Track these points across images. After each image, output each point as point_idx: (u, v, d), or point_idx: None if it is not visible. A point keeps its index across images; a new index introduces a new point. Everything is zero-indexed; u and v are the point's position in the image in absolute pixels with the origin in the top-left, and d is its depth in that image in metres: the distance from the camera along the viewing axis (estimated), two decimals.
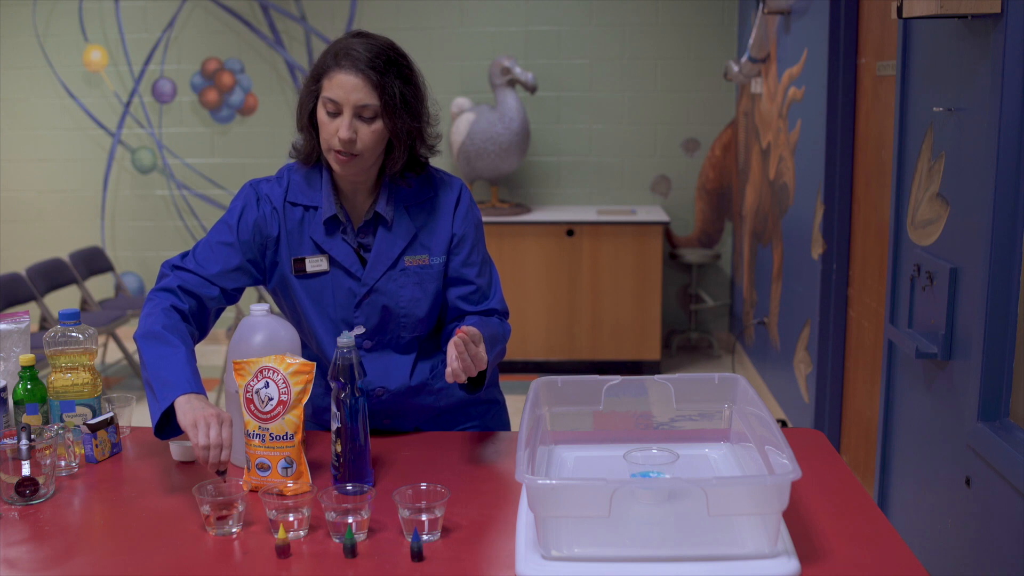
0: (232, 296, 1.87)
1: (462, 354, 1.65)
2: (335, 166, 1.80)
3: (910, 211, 2.57)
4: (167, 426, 1.69)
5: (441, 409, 1.99)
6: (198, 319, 1.83)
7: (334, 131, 1.76)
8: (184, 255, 1.86)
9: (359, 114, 1.75)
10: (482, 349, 1.72)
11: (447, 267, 1.92)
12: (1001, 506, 2.01)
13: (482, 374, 1.85)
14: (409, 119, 1.79)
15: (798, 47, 4.00)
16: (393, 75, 1.75)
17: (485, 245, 1.98)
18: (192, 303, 1.82)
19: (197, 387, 1.67)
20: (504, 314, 1.99)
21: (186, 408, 1.62)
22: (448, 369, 1.65)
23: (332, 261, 1.87)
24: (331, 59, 1.77)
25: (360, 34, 1.80)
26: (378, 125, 1.76)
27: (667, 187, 5.81)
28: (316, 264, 1.87)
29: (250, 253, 1.87)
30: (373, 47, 1.75)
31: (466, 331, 1.67)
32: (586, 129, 5.77)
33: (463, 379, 1.67)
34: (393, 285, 1.87)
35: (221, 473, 1.60)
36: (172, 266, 1.85)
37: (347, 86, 1.73)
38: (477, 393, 1.89)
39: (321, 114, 1.78)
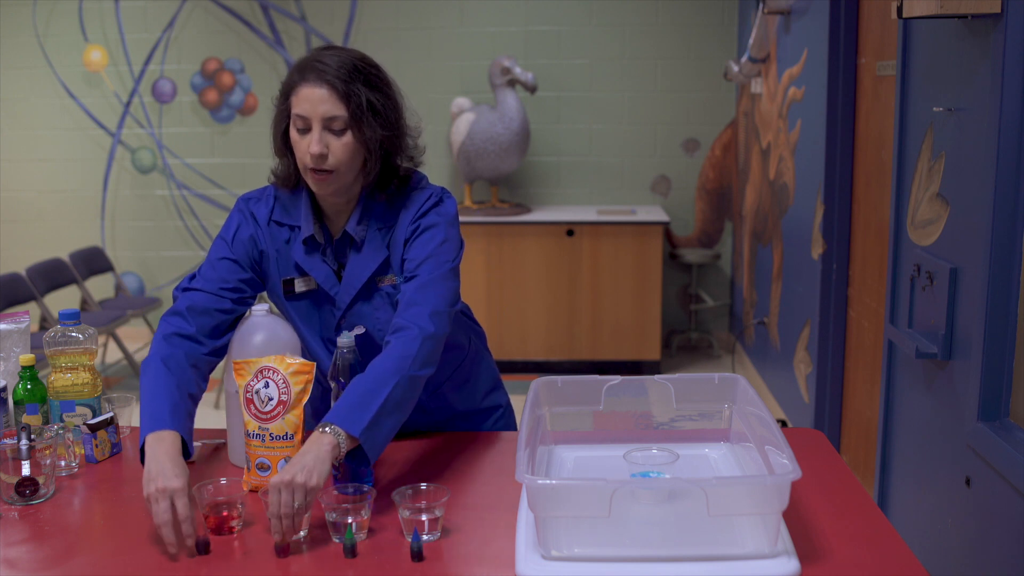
0: (244, 305, 1.84)
1: (282, 529, 1.46)
2: (313, 186, 1.75)
3: (910, 211, 2.57)
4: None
5: (437, 422, 1.99)
6: (214, 334, 1.78)
7: (306, 148, 1.70)
8: (191, 277, 1.83)
9: (329, 127, 1.70)
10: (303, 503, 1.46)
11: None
12: (1001, 506, 2.01)
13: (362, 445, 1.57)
14: (380, 128, 1.72)
15: (798, 47, 4.00)
16: (360, 83, 1.70)
17: (444, 250, 1.78)
18: (204, 320, 1.77)
19: (169, 424, 1.59)
20: (420, 305, 1.71)
21: (148, 463, 1.53)
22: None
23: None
24: (297, 75, 1.73)
25: (327, 48, 1.75)
26: (349, 137, 1.70)
27: (667, 187, 5.81)
28: (303, 285, 1.84)
29: (248, 265, 1.84)
30: (339, 58, 1.71)
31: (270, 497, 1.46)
32: (586, 129, 5.77)
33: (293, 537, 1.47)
34: (367, 307, 1.82)
35: (202, 550, 1.45)
36: (182, 289, 1.82)
37: (313, 99, 1.69)
38: (365, 463, 1.59)
39: (293, 133, 1.73)
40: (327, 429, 1.52)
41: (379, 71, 1.76)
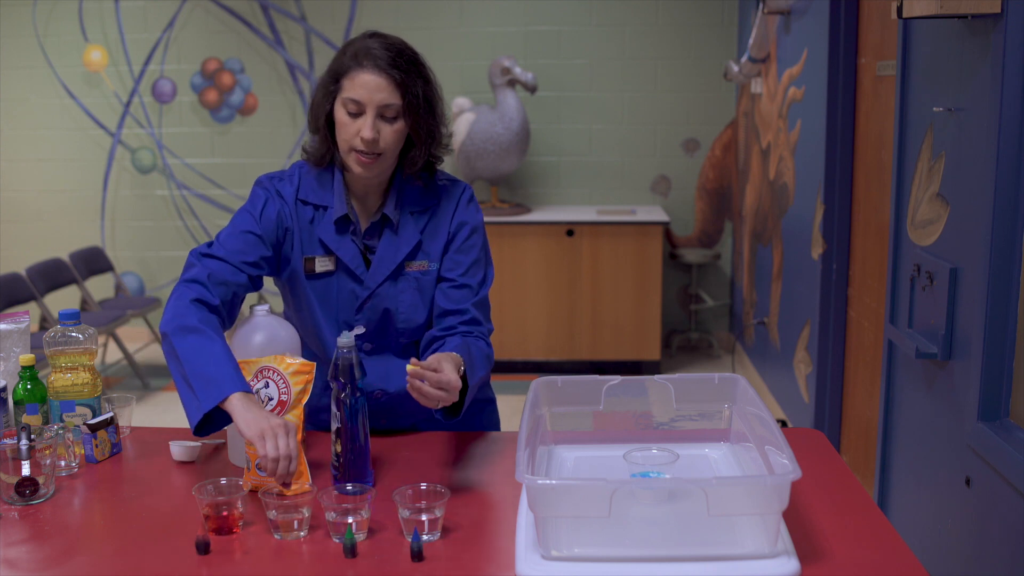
0: (257, 283, 1.84)
1: (422, 389, 1.57)
2: (355, 167, 1.79)
3: (910, 211, 2.57)
4: (206, 423, 1.62)
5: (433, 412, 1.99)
6: (228, 308, 1.78)
7: (355, 131, 1.75)
8: (211, 244, 1.82)
9: (381, 114, 1.75)
10: (448, 371, 1.59)
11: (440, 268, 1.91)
12: (1001, 506, 2.01)
13: (462, 399, 1.73)
14: (429, 118, 1.80)
15: (798, 47, 4.00)
16: (415, 75, 1.77)
17: (484, 250, 1.94)
18: (222, 291, 1.76)
19: (244, 385, 1.60)
20: (483, 324, 1.91)
21: (247, 416, 1.55)
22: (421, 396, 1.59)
23: (338, 262, 1.86)
24: (351, 59, 1.77)
25: (375, 35, 1.80)
26: (400, 125, 1.77)
27: (667, 187, 5.81)
28: (323, 264, 1.87)
29: (272, 244, 1.84)
30: (393, 47, 1.77)
31: (418, 364, 1.58)
32: (586, 129, 5.77)
33: (436, 405, 1.60)
34: (394, 290, 1.87)
35: (287, 485, 1.55)
36: (200, 254, 1.80)
37: (370, 86, 1.74)
38: (454, 418, 1.77)
39: (341, 114, 1.77)
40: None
41: (424, 61, 1.83)
